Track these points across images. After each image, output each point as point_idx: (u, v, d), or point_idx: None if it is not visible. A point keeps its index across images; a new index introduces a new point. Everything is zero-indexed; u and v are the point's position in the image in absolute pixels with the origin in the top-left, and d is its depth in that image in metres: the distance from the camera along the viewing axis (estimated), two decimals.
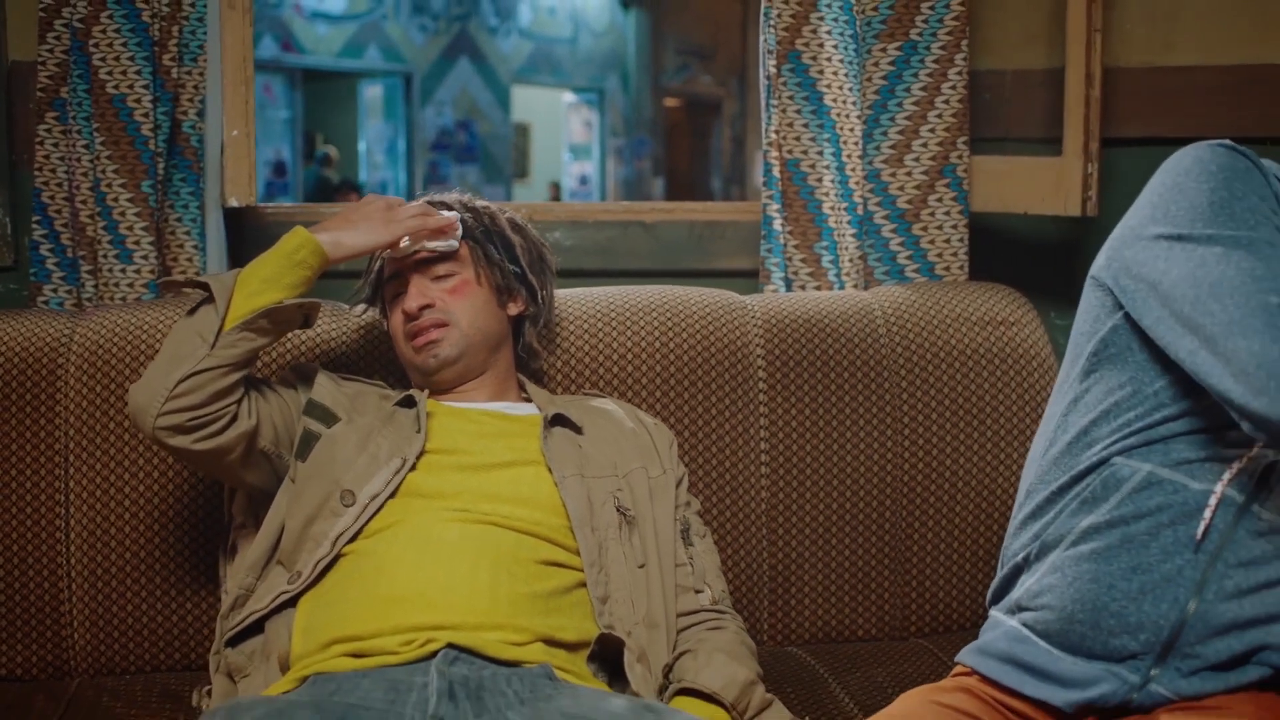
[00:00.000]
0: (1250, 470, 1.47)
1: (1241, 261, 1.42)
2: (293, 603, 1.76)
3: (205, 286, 1.82)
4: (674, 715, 1.48)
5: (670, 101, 14.89)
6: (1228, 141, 1.55)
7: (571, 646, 1.69)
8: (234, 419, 1.82)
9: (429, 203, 2.02)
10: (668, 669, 1.76)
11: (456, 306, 1.94)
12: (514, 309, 2.02)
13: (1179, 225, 1.48)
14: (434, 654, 1.58)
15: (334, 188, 10.59)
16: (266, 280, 1.83)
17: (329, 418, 1.89)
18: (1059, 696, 1.50)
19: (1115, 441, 1.52)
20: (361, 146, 12.29)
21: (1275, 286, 1.39)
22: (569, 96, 14.21)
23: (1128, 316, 1.55)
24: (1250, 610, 1.44)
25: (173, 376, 1.76)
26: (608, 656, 1.68)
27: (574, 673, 1.65)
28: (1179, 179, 1.52)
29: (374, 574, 1.70)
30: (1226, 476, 1.47)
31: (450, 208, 2.01)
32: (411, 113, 12.18)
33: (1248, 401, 1.36)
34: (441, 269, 1.96)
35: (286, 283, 1.83)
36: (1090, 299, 1.62)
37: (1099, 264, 1.62)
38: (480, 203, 2.05)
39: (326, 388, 1.93)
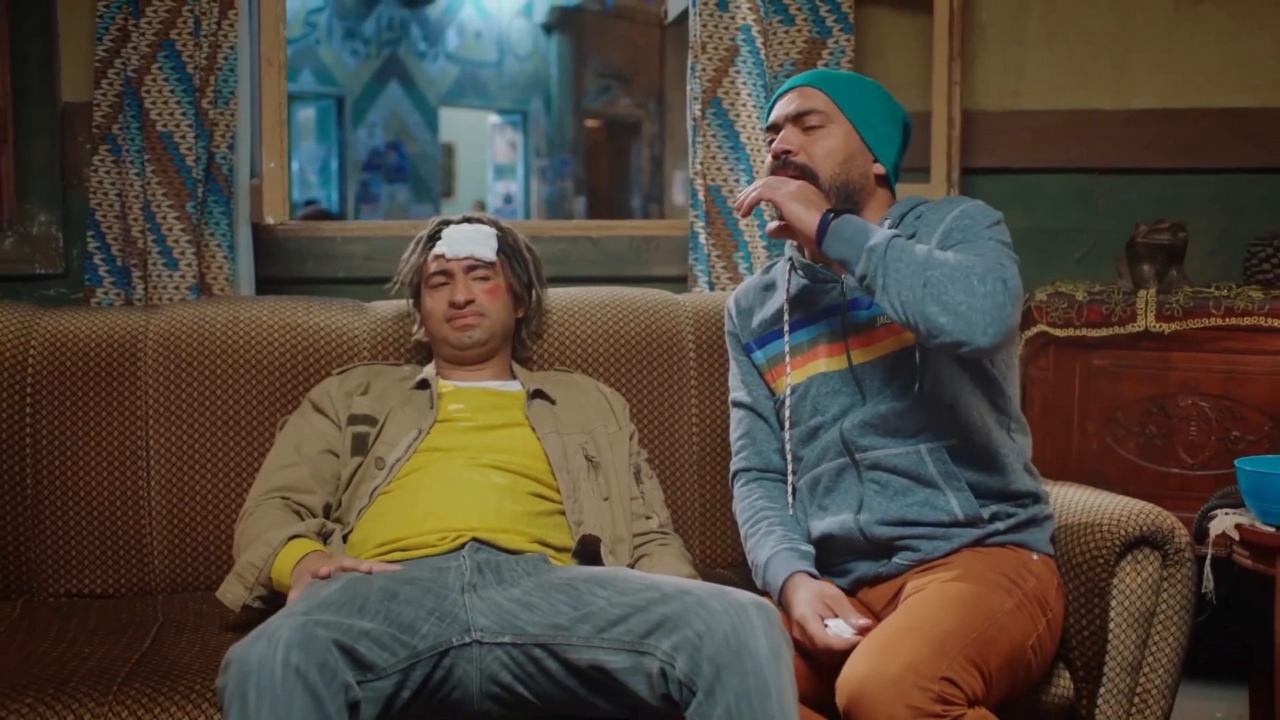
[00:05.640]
0: (843, 442, 2.10)
1: None
2: (344, 538, 2.19)
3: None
4: (641, 572, 1.98)
5: (591, 123, 14.68)
6: None
7: (558, 550, 2.15)
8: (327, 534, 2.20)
9: (466, 219, 2.39)
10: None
11: (490, 304, 2.37)
12: (519, 313, 2.47)
13: None
14: (462, 546, 2.05)
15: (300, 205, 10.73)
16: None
17: (371, 421, 2.29)
18: (842, 580, 2.13)
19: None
20: (295, 166, 11.96)
21: None
22: (494, 118, 13.88)
23: None
24: (895, 512, 2.06)
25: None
26: (586, 554, 2.14)
27: (562, 563, 2.12)
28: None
29: (411, 500, 2.15)
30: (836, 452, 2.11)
31: (484, 223, 2.40)
32: (343, 134, 12.02)
33: None
34: (482, 272, 2.37)
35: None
36: None
37: None
38: (505, 224, 2.46)
39: (361, 402, 2.32)
